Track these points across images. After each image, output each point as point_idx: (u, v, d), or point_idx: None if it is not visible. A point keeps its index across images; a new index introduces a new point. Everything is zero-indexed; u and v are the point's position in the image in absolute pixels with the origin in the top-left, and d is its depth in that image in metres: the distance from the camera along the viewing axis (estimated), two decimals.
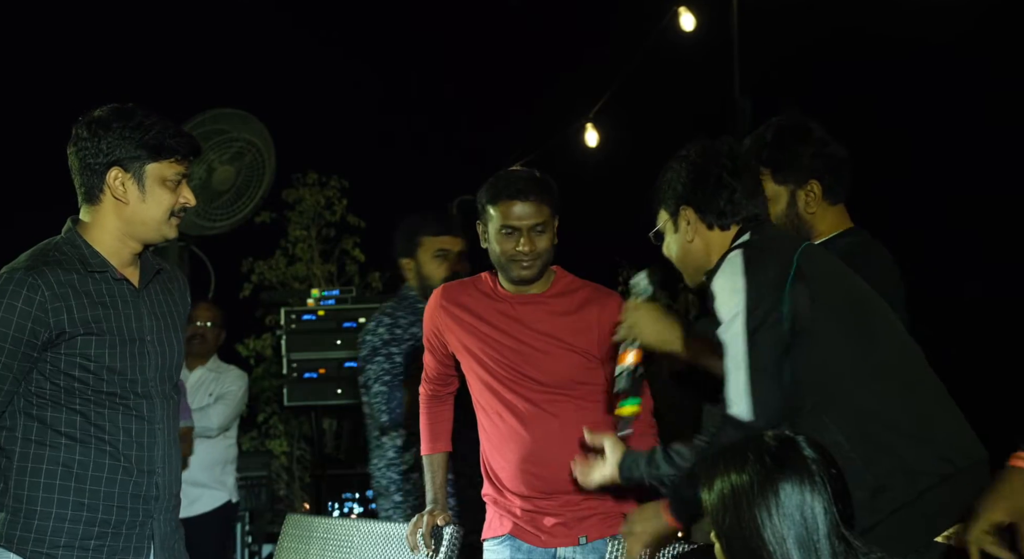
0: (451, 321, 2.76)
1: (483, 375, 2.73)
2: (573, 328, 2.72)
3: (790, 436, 1.69)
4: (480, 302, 2.77)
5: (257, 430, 6.15)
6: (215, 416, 4.69)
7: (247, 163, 5.47)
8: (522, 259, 2.68)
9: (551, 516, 2.69)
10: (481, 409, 2.77)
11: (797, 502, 1.63)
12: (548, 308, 2.74)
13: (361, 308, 5.67)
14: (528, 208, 2.67)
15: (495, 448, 2.74)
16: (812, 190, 2.42)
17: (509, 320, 2.73)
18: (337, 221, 6.49)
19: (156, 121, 2.32)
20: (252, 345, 6.22)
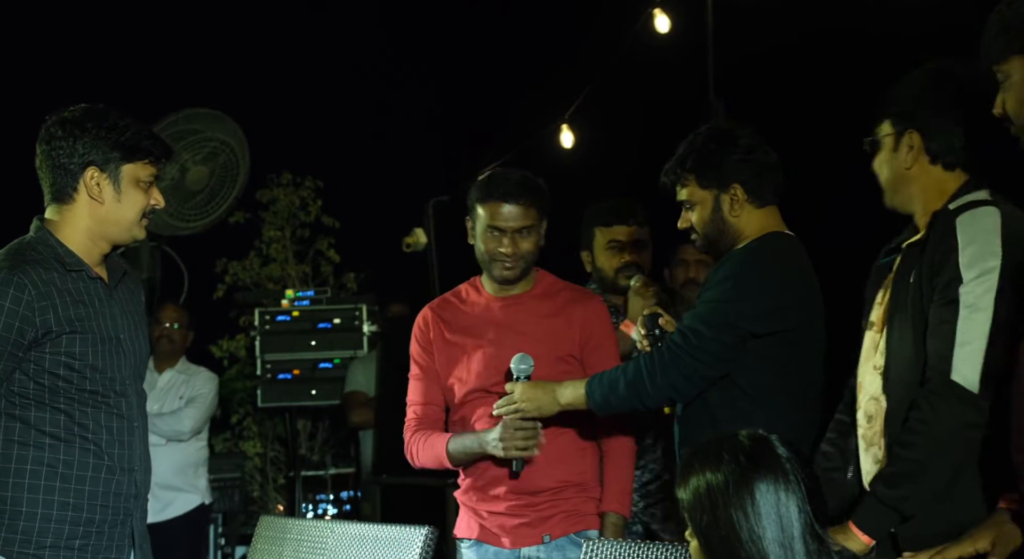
0: (438, 335, 2.77)
1: (464, 383, 2.75)
2: (554, 330, 2.75)
3: (764, 435, 1.71)
4: (460, 311, 2.80)
5: (230, 431, 6.12)
6: (187, 419, 4.68)
7: (221, 163, 5.45)
8: (504, 260, 2.71)
9: (515, 517, 2.71)
10: (457, 417, 2.78)
11: (772, 501, 1.64)
12: (530, 309, 2.77)
13: (336, 309, 5.67)
14: (515, 210, 2.70)
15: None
16: (735, 194, 2.46)
17: (490, 323, 2.76)
18: (312, 221, 6.48)
19: (130, 122, 2.34)
20: (226, 346, 6.19)
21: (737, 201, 2.46)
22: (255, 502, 5.99)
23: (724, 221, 2.48)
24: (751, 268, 2.39)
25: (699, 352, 2.35)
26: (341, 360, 5.60)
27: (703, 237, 2.52)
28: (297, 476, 5.59)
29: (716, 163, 2.47)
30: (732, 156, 2.46)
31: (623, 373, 2.45)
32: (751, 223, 2.48)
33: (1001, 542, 1.93)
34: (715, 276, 2.43)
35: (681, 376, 2.38)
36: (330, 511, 5.70)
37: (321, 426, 6.19)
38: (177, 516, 4.67)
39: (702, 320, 2.38)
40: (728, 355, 2.36)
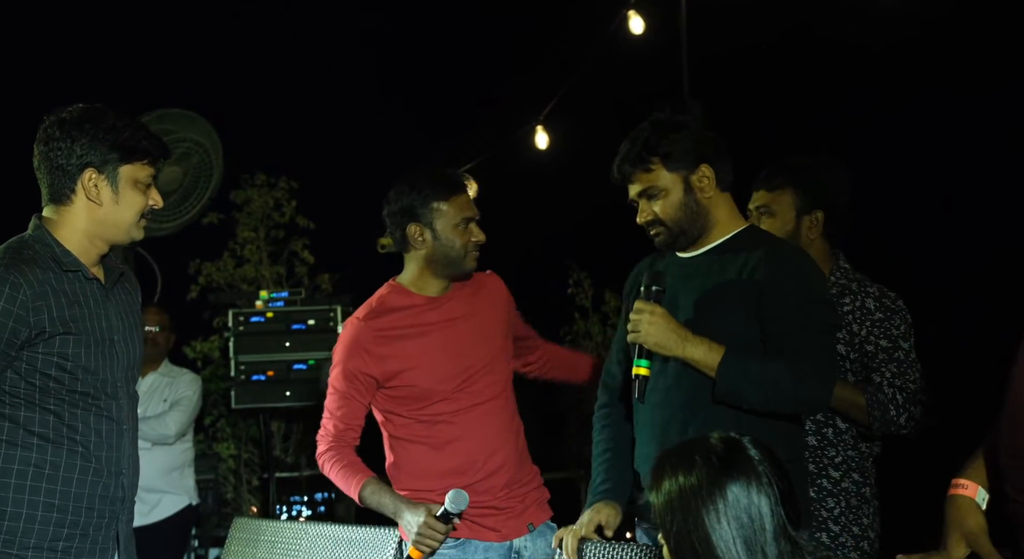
0: (384, 346, 2.75)
1: (426, 388, 2.75)
2: (490, 311, 2.85)
3: (736, 438, 1.71)
4: (404, 317, 2.78)
5: (204, 433, 6.09)
6: (172, 423, 4.66)
7: (194, 164, 5.42)
8: (476, 250, 2.78)
9: (502, 510, 2.78)
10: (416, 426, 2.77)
11: (744, 504, 1.64)
12: (470, 300, 2.84)
13: (310, 310, 5.64)
14: (471, 198, 2.81)
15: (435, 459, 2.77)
16: (705, 174, 2.42)
17: (437, 324, 2.78)
18: (286, 222, 6.44)
19: (128, 123, 2.34)
20: (199, 347, 6.15)
21: (708, 182, 2.41)
22: (229, 504, 5.97)
23: (698, 204, 2.42)
24: (814, 264, 2.40)
25: (828, 363, 2.33)
26: (315, 361, 5.57)
27: (672, 226, 2.43)
28: (271, 478, 5.57)
29: (685, 144, 2.42)
30: (692, 136, 2.44)
31: (786, 372, 2.27)
32: (721, 207, 2.43)
33: (972, 540, 1.95)
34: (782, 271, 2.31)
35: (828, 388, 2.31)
36: (304, 513, 5.69)
37: (295, 428, 6.17)
38: (165, 518, 4.66)
39: (829, 322, 2.33)
40: None
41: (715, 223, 2.42)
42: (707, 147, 2.42)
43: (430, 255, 2.77)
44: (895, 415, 2.77)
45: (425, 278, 2.81)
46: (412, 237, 2.77)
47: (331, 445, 2.78)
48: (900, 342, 2.83)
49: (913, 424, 2.80)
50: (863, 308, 2.85)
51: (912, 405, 2.79)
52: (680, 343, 2.35)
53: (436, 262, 2.78)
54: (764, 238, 2.43)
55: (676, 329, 2.36)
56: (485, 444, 2.77)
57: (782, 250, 2.39)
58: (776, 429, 2.27)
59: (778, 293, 2.30)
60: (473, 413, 2.78)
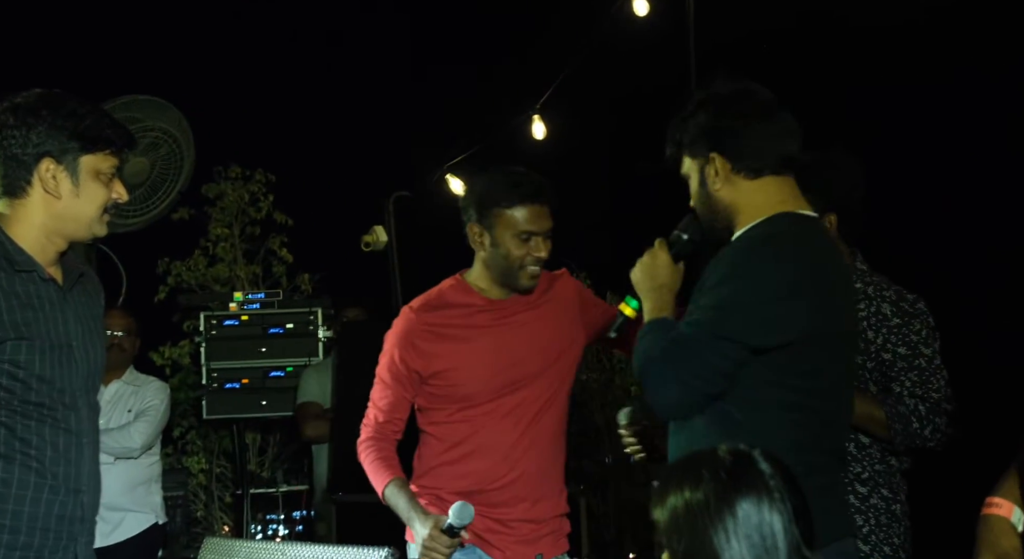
0: (432, 342, 2.82)
1: (466, 392, 2.82)
2: (554, 318, 2.88)
3: (746, 450, 1.70)
4: (459, 315, 2.85)
5: (172, 446, 6.08)
6: (137, 435, 4.64)
7: (163, 155, 5.41)
8: (534, 266, 2.80)
9: (510, 529, 2.84)
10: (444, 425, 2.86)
11: (755, 522, 1.64)
12: (534, 305, 2.88)
13: (288, 313, 5.65)
14: (546, 211, 2.80)
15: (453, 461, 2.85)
16: (715, 163, 2.33)
17: (493, 328, 2.85)
18: (262, 218, 6.43)
19: (89, 109, 2.31)
20: (168, 353, 6.14)
21: (719, 173, 2.32)
22: (199, 522, 5.96)
23: (710, 196, 2.34)
24: (749, 268, 2.22)
25: (695, 365, 2.21)
26: (294, 368, 5.58)
27: (699, 214, 2.39)
28: (245, 494, 5.56)
29: (698, 129, 2.35)
30: (713, 120, 2.32)
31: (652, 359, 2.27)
32: (744, 198, 2.31)
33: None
34: (712, 274, 2.27)
35: (674, 391, 2.24)
36: (281, 532, 5.67)
37: (272, 440, 6.17)
38: (128, 538, 4.65)
39: (699, 327, 2.23)
40: (728, 371, 2.21)
41: (738, 213, 2.33)
42: (719, 130, 2.32)
43: (487, 259, 2.84)
44: (918, 428, 2.76)
45: (486, 280, 2.87)
46: (472, 236, 2.84)
47: (371, 435, 2.87)
48: (921, 348, 2.81)
49: (939, 436, 2.79)
50: (879, 314, 2.81)
51: (936, 416, 2.77)
52: (647, 291, 2.41)
53: (491, 268, 2.84)
54: (742, 237, 2.32)
55: (655, 276, 2.40)
56: (508, 456, 2.83)
57: (727, 248, 2.32)
58: None
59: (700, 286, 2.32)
60: (505, 423, 2.84)
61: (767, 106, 2.34)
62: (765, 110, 2.33)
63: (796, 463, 2.19)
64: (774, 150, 2.32)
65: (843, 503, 2.35)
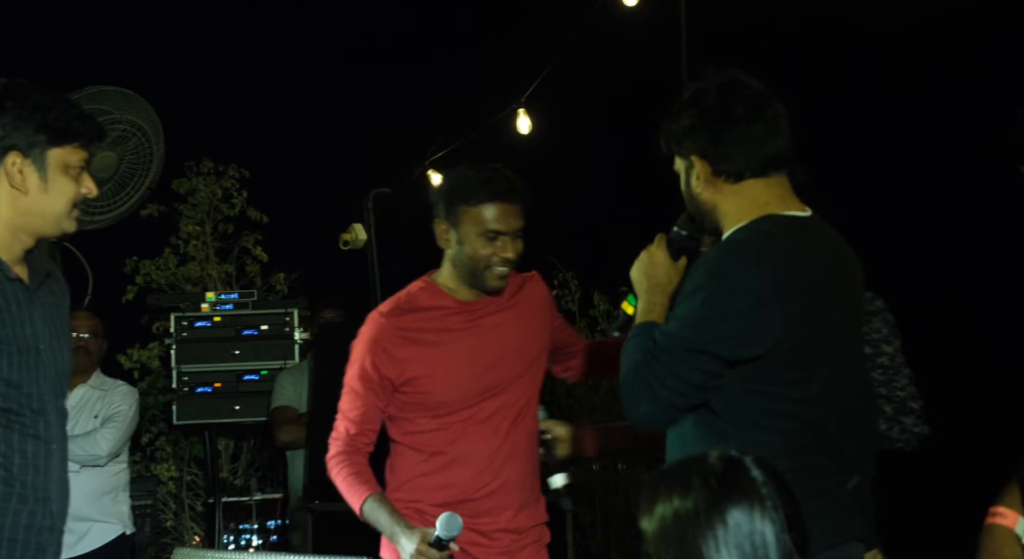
0: (405, 347, 2.79)
1: (441, 399, 2.80)
2: (527, 321, 2.88)
3: (737, 457, 1.70)
4: (431, 318, 2.82)
5: (141, 453, 6.05)
6: (103, 442, 4.62)
7: (131, 148, 5.39)
8: (503, 267, 2.77)
9: (492, 541, 2.83)
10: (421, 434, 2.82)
11: (747, 530, 1.63)
12: (506, 307, 2.87)
13: (263, 314, 5.63)
14: (516, 210, 2.77)
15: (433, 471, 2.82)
16: (697, 167, 2.32)
17: (466, 331, 2.82)
18: (236, 215, 6.41)
19: (57, 101, 2.30)
20: (136, 356, 6.12)
21: (700, 175, 2.32)
22: (169, 532, 5.94)
23: (693, 198, 2.36)
24: (720, 278, 2.21)
25: (669, 378, 2.21)
26: (268, 372, 5.56)
27: (690, 213, 2.42)
28: (217, 503, 5.53)
29: (677, 130, 2.34)
30: (690, 122, 2.32)
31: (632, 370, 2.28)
32: (726, 202, 2.32)
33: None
34: (688, 282, 2.29)
35: (648, 404, 2.24)
36: (254, 542, 5.66)
37: (245, 446, 6.16)
38: (95, 549, 4.63)
39: (672, 340, 2.23)
40: (703, 384, 2.21)
41: (722, 216, 2.34)
42: (697, 134, 2.31)
43: (453, 258, 2.82)
44: (885, 429, 2.78)
45: (455, 280, 2.85)
46: (439, 233, 2.82)
47: (342, 449, 2.82)
48: (883, 346, 2.82)
49: (907, 436, 2.80)
50: None
51: (903, 415, 2.78)
52: (642, 291, 2.42)
53: (457, 268, 2.82)
54: (722, 244, 2.32)
55: (651, 276, 2.41)
56: (491, 464, 2.82)
57: (705, 256, 2.33)
58: None
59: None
60: (485, 430, 2.83)
61: (754, 104, 2.32)
62: (750, 109, 2.31)
63: (789, 469, 2.20)
64: (758, 152, 2.31)
65: (843, 507, 2.32)
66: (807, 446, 2.27)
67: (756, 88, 2.34)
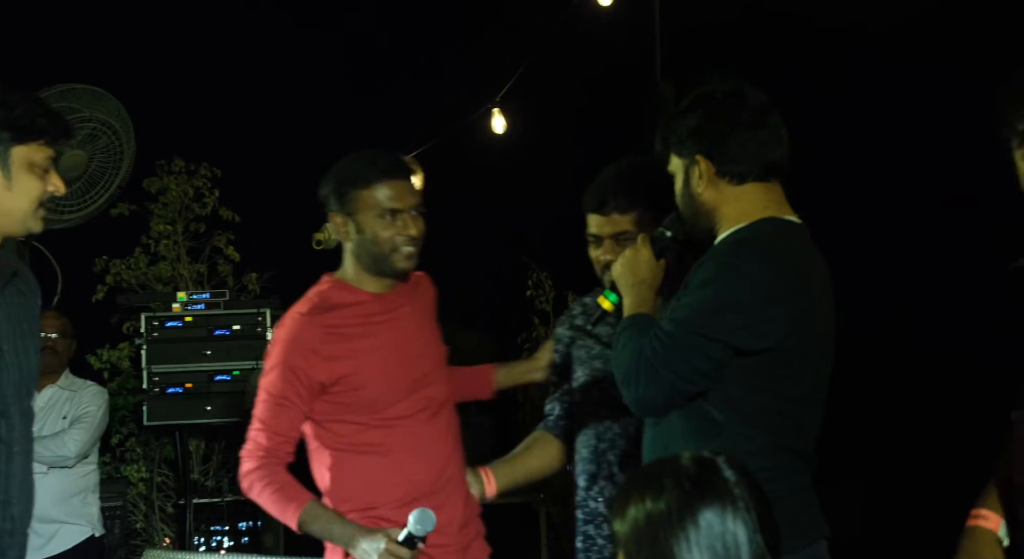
0: (333, 345, 2.72)
1: (376, 394, 2.73)
2: (429, 315, 2.88)
3: (710, 457, 1.72)
4: (351, 314, 2.76)
5: (111, 454, 6.03)
6: (72, 442, 4.60)
7: (101, 147, 5.36)
8: (409, 246, 2.72)
9: (444, 547, 2.75)
10: (366, 433, 2.75)
11: (718, 531, 1.65)
12: (412, 301, 2.85)
13: (235, 314, 5.61)
14: (411, 186, 2.75)
15: (388, 471, 2.75)
16: (700, 167, 2.39)
17: (387, 324, 2.78)
18: (207, 214, 6.39)
19: (21, 97, 2.28)
20: (106, 356, 6.09)
21: (703, 175, 2.38)
22: (139, 534, 5.92)
23: (692, 197, 2.41)
24: (735, 271, 2.29)
25: (677, 363, 2.27)
26: (240, 372, 5.54)
27: (682, 215, 2.46)
28: (188, 504, 5.51)
29: (686, 129, 2.40)
30: (696, 122, 2.39)
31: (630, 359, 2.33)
32: (729, 203, 2.38)
33: None
34: (696, 275, 2.34)
35: (654, 389, 2.30)
36: (226, 544, 5.65)
37: (217, 447, 6.13)
38: (63, 551, 4.61)
39: (683, 326, 2.29)
40: (709, 371, 2.28)
41: (721, 217, 2.40)
42: (705, 134, 2.38)
43: (356, 249, 2.76)
44: None
45: (362, 275, 2.79)
46: (336, 228, 2.76)
47: (261, 462, 2.70)
48: None
49: None
50: None
51: None
52: (627, 286, 2.46)
53: (362, 259, 2.76)
54: (727, 241, 2.39)
55: (637, 272, 2.46)
56: (441, 454, 2.79)
57: (711, 251, 2.39)
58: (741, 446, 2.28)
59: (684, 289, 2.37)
60: (425, 421, 2.78)
61: (758, 111, 2.40)
62: (755, 115, 2.40)
63: (773, 466, 2.27)
64: (761, 157, 2.38)
65: (814, 506, 2.40)
66: (789, 445, 2.36)
67: (761, 97, 2.42)
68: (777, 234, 2.37)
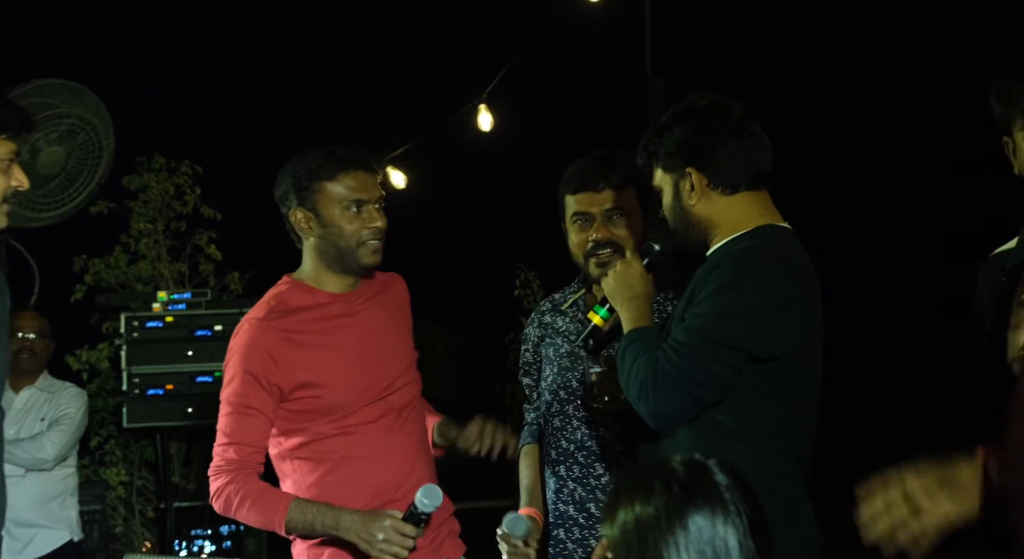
0: (292, 351, 2.66)
1: (337, 401, 2.69)
2: (400, 317, 2.84)
3: (701, 461, 1.70)
4: (310, 318, 2.71)
5: (90, 457, 6.01)
6: (50, 445, 4.59)
7: (80, 144, 5.33)
8: (375, 239, 2.69)
9: (427, 547, 2.73)
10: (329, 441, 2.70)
11: (708, 536, 1.64)
12: (378, 303, 2.81)
13: (217, 314, 5.60)
14: (373, 178, 2.71)
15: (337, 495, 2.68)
16: (692, 179, 2.41)
17: (349, 328, 2.74)
18: (189, 213, 6.37)
19: None
20: (85, 357, 6.07)
21: (695, 188, 2.40)
22: (118, 539, 5.90)
23: (684, 210, 2.43)
24: (748, 278, 2.31)
25: (697, 372, 2.28)
26: (222, 373, 5.52)
27: (672, 229, 2.48)
28: (169, 508, 5.51)
29: (673, 142, 2.43)
30: (689, 135, 2.41)
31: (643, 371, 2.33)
32: (721, 213, 2.41)
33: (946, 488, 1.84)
34: (707, 283, 2.34)
35: (674, 400, 2.30)
36: (207, 548, 5.64)
37: (198, 450, 6.12)
38: (40, 556, 4.61)
39: (700, 336, 2.29)
40: (728, 379, 2.29)
41: (715, 228, 2.43)
42: (696, 147, 2.41)
43: (319, 245, 2.71)
44: None
45: (322, 273, 2.75)
46: (297, 224, 2.72)
47: (232, 476, 2.63)
48: None
49: None
50: None
51: None
52: (623, 301, 2.49)
53: (326, 254, 2.71)
54: (739, 248, 2.39)
55: (632, 286, 2.48)
56: (404, 461, 2.74)
57: (720, 258, 2.40)
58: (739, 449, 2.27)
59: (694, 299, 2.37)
60: (386, 427, 2.74)
61: (742, 120, 2.44)
62: (741, 124, 2.44)
63: (781, 474, 2.29)
64: (751, 165, 2.42)
65: (813, 516, 2.41)
66: (796, 452, 2.39)
67: (741, 107, 2.46)
68: (780, 241, 2.40)
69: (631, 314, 2.46)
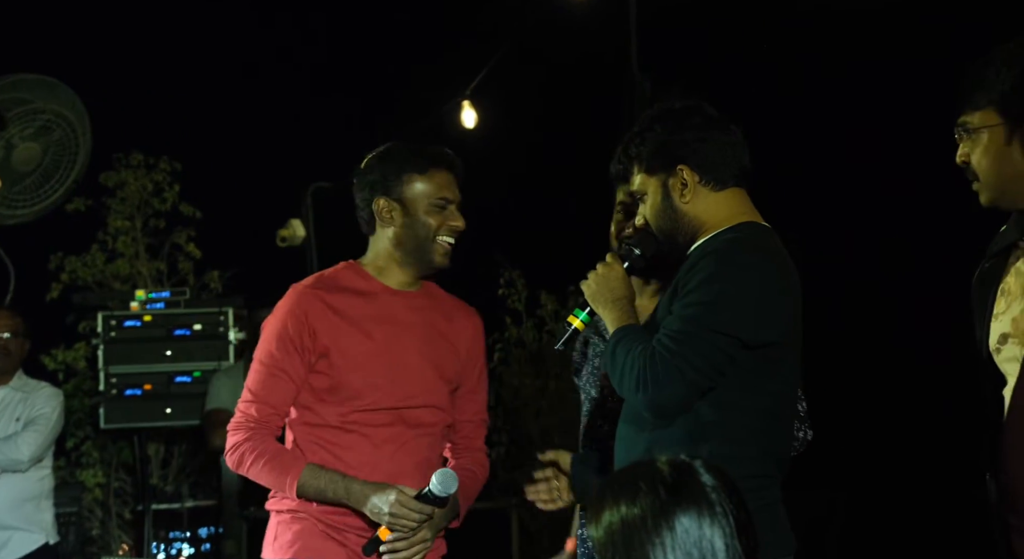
0: (326, 320, 2.70)
1: (342, 384, 2.71)
2: (448, 350, 2.80)
3: (687, 461, 1.71)
4: (357, 303, 2.75)
5: (66, 458, 5.99)
6: (25, 446, 4.58)
7: (56, 140, 5.32)
8: (450, 237, 2.74)
9: None
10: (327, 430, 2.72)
11: (695, 537, 1.64)
12: (430, 320, 2.80)
13: (196, 313, 5.59)
14: (457, 182, 2.76)
15: None
16: (684, 176, 2.44)
17: (389, 325, 2.75)
18: (167, 210, 6.36)
19: None
20: (61, 357, 6.05)
21: (687, 185, 2.44)
22: (95, 542, 5.89)
23: (675, 210, 2.45)
24: (737, 265, 2.35)
25: (695, 359, 2.29)
26: (202, 373, 5.53)
27: (656, 232, 2.50)
28: (147, 510, 5.50)
29: (658, 143, 2.46)
30: (675, 134, 2.45)
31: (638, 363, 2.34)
32: (710, 210, 2.45)
33: None
34: (694, 274, 2.37)
35: (674, 387, 2.31)
36: (186, 551, 5.62)
37: (176, 451, 6.11)
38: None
39: (693, 323, 2.31)
40: (723, 366, 2.31)
41: (703, 225, 2.46)
42: (689, 144, 2.44)
43: (398, 235, 2.74)
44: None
45: (389, 264, 2.77)
46: (380, 213, 2.74)
47: (250, 434, 2.67)
48: None
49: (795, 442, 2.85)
50: None
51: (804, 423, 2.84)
52: (606, 302, 2.49)
53: (403, 245, 2.74)
54: (724, 239, 2.42)
55: (614, 289, 2.49)
56: (392, 472, 2.70)
57: (704, 249, 2.43)
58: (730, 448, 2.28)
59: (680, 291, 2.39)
60: (390, 439, 2.72)
61: (721, 118, 2.49)
62: (721, 122, 2.48)
63: (758, 474, 2.31)
64: (737, 160, 2.47)
65: (786, 519, 2.43)
66: (774, 452, 2.41)
67: (714, 109, 2.49)
68: (763, 236, 2.44)
69: (615, 315, 2.48)
